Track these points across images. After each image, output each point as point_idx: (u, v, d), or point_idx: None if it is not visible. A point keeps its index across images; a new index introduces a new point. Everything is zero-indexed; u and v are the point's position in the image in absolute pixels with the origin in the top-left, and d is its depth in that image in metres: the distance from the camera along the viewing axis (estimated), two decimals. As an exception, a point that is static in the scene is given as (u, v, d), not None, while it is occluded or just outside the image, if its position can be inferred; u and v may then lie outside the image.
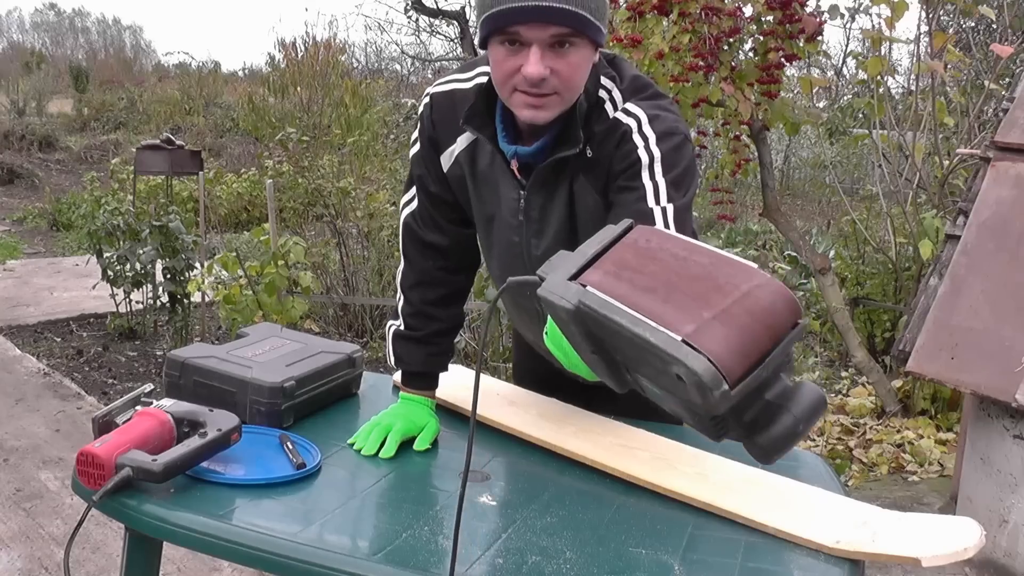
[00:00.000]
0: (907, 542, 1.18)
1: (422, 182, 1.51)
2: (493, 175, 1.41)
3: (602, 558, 1.13)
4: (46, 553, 2.79)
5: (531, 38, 1.19)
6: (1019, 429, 2.53)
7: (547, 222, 1.40)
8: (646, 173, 1.28)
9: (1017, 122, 2.80)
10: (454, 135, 1.43)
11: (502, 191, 1.42)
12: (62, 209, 9.50)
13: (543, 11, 1.16)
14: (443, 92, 1.45)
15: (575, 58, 1.22)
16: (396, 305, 1.60)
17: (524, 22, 1.18)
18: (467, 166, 1.44)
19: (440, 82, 1.48)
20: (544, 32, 1.19)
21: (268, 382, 1.48)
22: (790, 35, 3.63)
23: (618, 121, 1.32)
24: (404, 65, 17.56)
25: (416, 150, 1.51)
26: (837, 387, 4.72)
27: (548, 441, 1.47)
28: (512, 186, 1.40)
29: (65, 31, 40.79)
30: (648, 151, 1.29)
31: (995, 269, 2.62)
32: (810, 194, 11.89)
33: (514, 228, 1.44)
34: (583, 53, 1.23)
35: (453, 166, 1.45)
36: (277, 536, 1.15)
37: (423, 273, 1.55)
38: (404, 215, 1.56)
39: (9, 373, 4.60)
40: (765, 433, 0.82)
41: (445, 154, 1.46)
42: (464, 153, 1.43)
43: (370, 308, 5.30)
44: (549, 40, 1.20)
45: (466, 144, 1.42)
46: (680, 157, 1.30)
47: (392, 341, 1.59)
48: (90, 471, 1.19)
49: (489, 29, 1.22)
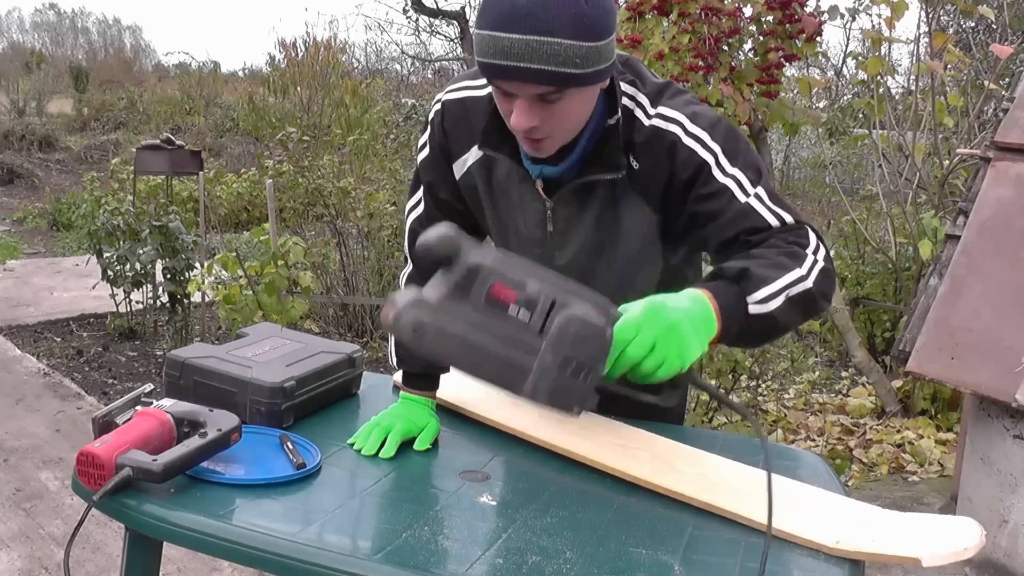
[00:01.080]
0: (907, 542, 1.18)
1: (431, 188, 1.49)
2: (512, 187, 1.38)
3: (602, 558, 1.13)
4: (46, 553, 2.79)
5: (516, 92, 1.17)
6: (1019, 429, 2.53)
7: (572, 236, 1.38)
8: (718, 172, 1.26)
9: (1017, 122, 2.80)
10: (467, 144, 1.40)
11: (523, 203, 1.39)
12: (62, 209, 9.50)
13: (521, 71, 1.13)
14: (455, 100, 1.41)
15: (563, 107, 1.19)
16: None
17: (505, 79, 1.16)
18: (481, 177, 1.41)
19: (452, 88, 1.43)
20: (528, 89, 1.16)
21: (268, 382, 1.48)
22: (790, 35, 3.63)
23: (658, 129, 1.28)
24: (404, 65, 17.59)
25: (425, 155, 1.48)
26: (837, 387, 4.72)
27: (548, 441, 1.47)
28: (536, 199, 1.37)
29: (65, 31, 40.77)
30: (708, 150, 1.26)
31: (995, 269, 2.62)
32: (810, 194, 11.88)
33: (537, 240, 1.41)
34: (573, 101, 1.19)
35: (465, 175, 1.43)
36: (277, 536, 1.15)
37: (430, 276, 1.54)
38: (410, 220, 1.54)
39: (9, 373, 4.61)
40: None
41: (457, 163, 1.43)
42: (477, 164, 1.40)
43: (370, 308, 5.30)
44: (533, 95, 1.17)
45: (481, 154, 1.38)
46: (736, 140, 1.29)
47: (394, 342, 1.58)
48: (90, 471, 1.19)
49: (482, 72, 1.20)
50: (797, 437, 3.89)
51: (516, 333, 0.93)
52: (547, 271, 0.99)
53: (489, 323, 0.93)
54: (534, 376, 0.94)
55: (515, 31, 1.11)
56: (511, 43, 1.11)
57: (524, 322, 0.92)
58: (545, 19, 1.10)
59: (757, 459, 1.44)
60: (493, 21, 1.13)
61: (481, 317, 0.92)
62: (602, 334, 0.94)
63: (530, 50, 1.10)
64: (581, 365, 0.93)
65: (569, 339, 0.92)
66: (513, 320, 0.92)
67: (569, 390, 0.94)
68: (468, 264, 0.91)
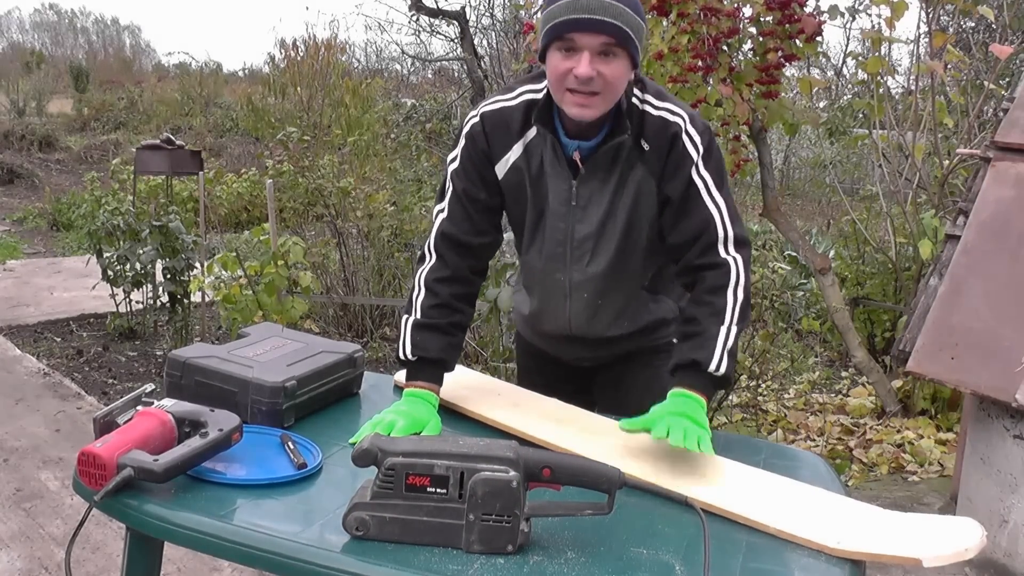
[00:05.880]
0: (908, 542, 1.18)
1: (466, 193, 1.68)
2: (546, 171, 1.64)
3: (604, 558, 1.13)
4: (46, 553, 2.79)
5: (584, 44, 1.48)
6: (1019, 429, 2.54)
7: (590, 210, 1.64)
8: (695, 171, 1.58)
9: (1017, 122, 2.80)
10: (508, 144, 1.65)
11: (554, 184, 1.64)
12: (62, 209, 9.51)
13: (595, 23, 1.47)
14: (494, 110, 1.66)
15: (617, 65, 1.50)
16: (412, 300, 1.67)
17: (579, 31, 1.47)
18: (525, 168, 1.65)
19: (487, 103, 1.68)
20: (595, 40, 1.47)
21: (269, 382, 1.48)
22: (789, 35, 3.62)
23: (666, 119, 1.58)
24: (404, 65, 17.56)
25: (456, 166, 1.69)
26: (837, 387, 4.72)
27: (549, 441, 1.47)
28: (564, 177, 1.63)
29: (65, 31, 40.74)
30: (696, 148, 1.58)
31: (995, 269, 2.62)
32: (810, 194, 11.91)
33: (562, 215, 1.66)
34: (623, 63, 1.51)
35: (510, 172, 1.66)
36: (278, 536, 1.15)
37: (456, 269, 1.68)
38: (438, 221, 1.70)
39: (9, 373, 4.61)
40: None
41: (500, 163, 1.66)
42: (521, 159, 1.65)
43: (370, 308, 5.30)
44: (598, 47, 1.47)
45: (521, 151, 1.65)
46: (714, 147, 1.61)
47: (411, 331, 1.63)
48: (91, 471, 1.19)
49: (551, 37, 1.50)
50: (797, 437, 3.89)
51: (439, 504, 1.14)
52: (454, 444, 1.18)
53: (415, 505, 1.14)
54: (465, 533, 1.14)
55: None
56: (589, 1, 1.46)
57: (444, 494, 1.14)
58: None
59: (758, 459, 1.45)
60: None
61: (407, 502, 1.14)
62: (508, 485, 1.13)
63: (604, 6, 1.46)
64: (500, 513, 1.13)
65: (481, 498, 1.13)
66: (433, 496, 1.14)
67: (498, 534, 1.13)
68: (385, 466, 1.14)
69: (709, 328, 1.54)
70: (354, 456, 1.17)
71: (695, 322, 1.56)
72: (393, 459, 1.14)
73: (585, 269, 1.68)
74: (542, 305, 1.78)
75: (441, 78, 16.43)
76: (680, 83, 3.63)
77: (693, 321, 1.57)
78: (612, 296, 1.72)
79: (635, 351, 1.81)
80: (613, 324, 1.75)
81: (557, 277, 1.71)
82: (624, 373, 1.84)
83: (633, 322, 1.77)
